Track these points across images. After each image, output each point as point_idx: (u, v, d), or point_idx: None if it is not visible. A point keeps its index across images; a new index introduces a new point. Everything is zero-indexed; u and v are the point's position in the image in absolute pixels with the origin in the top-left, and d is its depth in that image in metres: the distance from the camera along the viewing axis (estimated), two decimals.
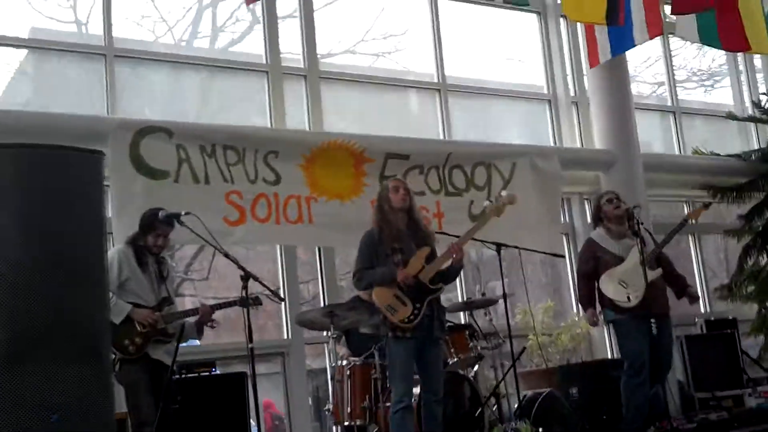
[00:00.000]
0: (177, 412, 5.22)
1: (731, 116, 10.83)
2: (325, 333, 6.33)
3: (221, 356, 7.03)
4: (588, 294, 6.65)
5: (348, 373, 6.24)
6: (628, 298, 6.39)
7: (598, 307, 6.63)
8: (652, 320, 6.29)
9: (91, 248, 3.97)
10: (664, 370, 6.46)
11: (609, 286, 6.48)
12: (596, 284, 6.60)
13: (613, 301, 6.44)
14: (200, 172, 7.05)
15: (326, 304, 7.64)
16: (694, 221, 7.06)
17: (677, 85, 11.21)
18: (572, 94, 9.94)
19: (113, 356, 5.05)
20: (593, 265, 6.60)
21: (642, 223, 6.43)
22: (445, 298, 6.20)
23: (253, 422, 5.78)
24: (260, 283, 5.26)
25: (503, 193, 6.14)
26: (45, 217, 3.83)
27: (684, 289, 6.69)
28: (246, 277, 5.13)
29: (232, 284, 5.70)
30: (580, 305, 6.77)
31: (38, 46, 7.51)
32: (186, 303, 8.97)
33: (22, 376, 3.62)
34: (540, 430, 6.41)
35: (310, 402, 7.76)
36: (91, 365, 3.82)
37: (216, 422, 5.69)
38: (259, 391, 5.22)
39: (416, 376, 5.61)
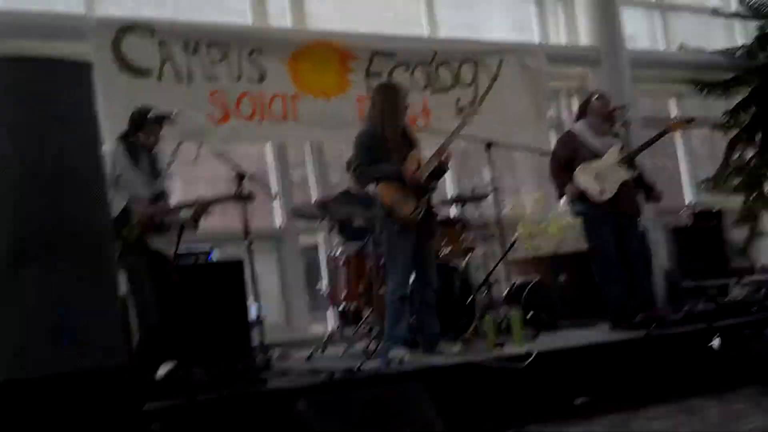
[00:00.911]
0: (177, 299, 5.21)
1: (716, 12, 10.73)
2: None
3: (215, 241, 7.10)
4: (563, 176, 6.56)
5: (342, 262, 6.35)
6: (601, 192, 6.43)
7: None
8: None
9: (89, 157, 3.91)
10: (641, 269, 6.48)
11: (583, 177, 6.46)
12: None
13: (586, 192, 6.44)
14: (183, 70, 7.00)
15: (317, 192, 7.81)
16: (675, 132, 7.16)
17: None
18: None
19: None
20: (570, 155, 6.55)
21: (630, 123, 6.44)
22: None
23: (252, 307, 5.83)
24: (255, 181, 5.29)
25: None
26: (42, 129, 3.74)
27: (651, 192, 6.68)
28: (240, 175, 5.15)
29: (218, 169, 5.64)
30: (557, 187, 6.64)
31: None
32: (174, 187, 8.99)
33: (25, 279, 3.60)
34: (528, 316, 6.54)
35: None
36: (94, 268, 3.79)
37: (215, 308, 5.74)
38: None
39: None
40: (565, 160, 6.58)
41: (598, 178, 6.44)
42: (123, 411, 3.52)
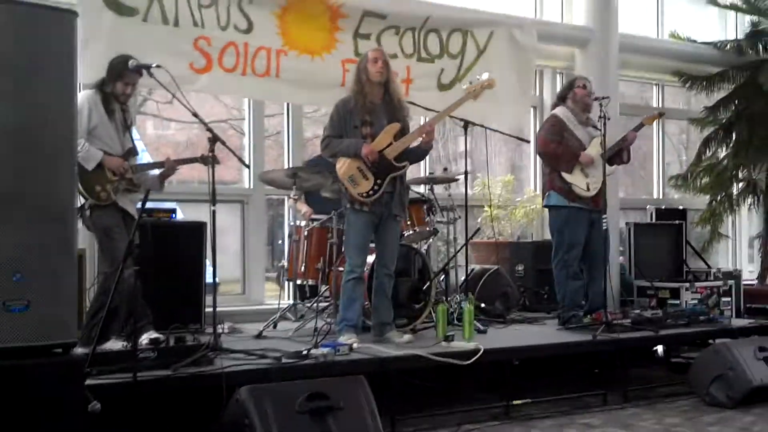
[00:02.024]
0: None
1: (712, 1, 10.62)
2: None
3: (181, 198, 7.24)
4: (563, 152, 6.54)
5: (306, 234, 6.37)
6: (588, 187, 6.50)
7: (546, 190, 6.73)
8: (604, 216, 6.41)
9: (60, 114, 3.80)
10: (598, 267, 6.58)
11: (571, 170, 6.53)
12: None
13: (571, 187, 6.50)
14: (170, 13, 6.83)
15: (290, 158, 7.78)
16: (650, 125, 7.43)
17: None
18: None
19: (84, 200, 5.15)
20: (560, 140, 6.56)
21: (609, 118, 6.42)
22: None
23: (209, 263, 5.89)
24: (227, 148, 5.25)
25: (484, 75, 6.01)
26: (12, 80, 3.64)
27: (618, 157, 6.74)
28: (213, 139, 5.11)
29: (196, 108, 5.54)
30: (564, 164, 6.55)
31: None
32: (147, 124, 8.93)
33: None
34: (482, 305, 6.67)
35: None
36: (55, 233, 3.75)
37: (173, 270, 5.78)
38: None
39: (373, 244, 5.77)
40: (559, 141, 6.56)
41: (585, 171, 6.50)
42: (66, 387, 3.52)
